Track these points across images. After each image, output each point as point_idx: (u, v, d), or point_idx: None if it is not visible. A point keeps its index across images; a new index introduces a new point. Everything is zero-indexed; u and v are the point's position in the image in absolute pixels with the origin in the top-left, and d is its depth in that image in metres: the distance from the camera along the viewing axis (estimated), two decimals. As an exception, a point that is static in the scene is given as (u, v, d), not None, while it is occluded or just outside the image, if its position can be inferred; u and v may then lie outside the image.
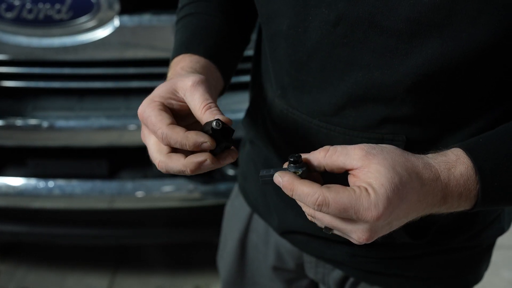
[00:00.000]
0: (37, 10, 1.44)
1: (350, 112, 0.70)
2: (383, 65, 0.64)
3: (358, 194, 0.54)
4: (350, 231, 0.57)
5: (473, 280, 0.88)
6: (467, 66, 0.61)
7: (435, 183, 0.57)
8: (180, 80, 0.64)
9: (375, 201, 0.54)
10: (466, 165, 0.59)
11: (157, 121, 0.60)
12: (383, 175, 0.55)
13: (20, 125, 1.57)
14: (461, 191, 0.59)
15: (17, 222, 1.78)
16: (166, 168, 0.61)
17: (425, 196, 0.57)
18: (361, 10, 0.62)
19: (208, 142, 0.59)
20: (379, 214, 0.54)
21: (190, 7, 0.84)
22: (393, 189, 0.55)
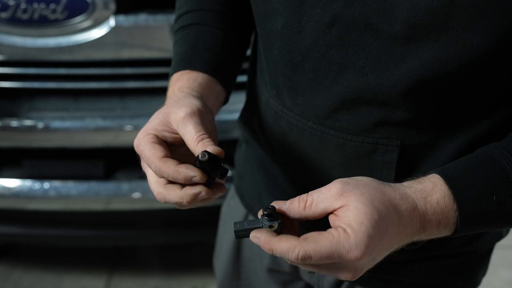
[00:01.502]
0: (32, 10, 1.44)
1: (344, 115, 0.70)
2: (378, 69, 0.63)
3: (337, 237, 0.54)
4: (336, 272, 0.57)
5: (470, 286, 0.87)
6: (463, 71, 0.60)
7: (413, 214, 0.57)
8: (172, 112, 0.65)
9: (355, 242, 0.54)
10: (443, 193, 0.59)
11: (150, 154, 0.61)
12: (362, 213, 0.55)
13: (15, 126, 1.56)
14: (440, 219, 0.59)
15: (13, 224, 1.77)
16: (164, 199, 0.61)
17: (404, 228, 0.57)
18: (357, 12, 0.61)
19: (197, 176, 0.59)
20: (362, 253, 0.53)
21: (187, 18, 0.83)
22: (373, 226, 0.54)
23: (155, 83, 1.58)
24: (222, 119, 1.56)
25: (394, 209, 0.56)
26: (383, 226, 0.55)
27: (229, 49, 0.83)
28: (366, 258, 0.54)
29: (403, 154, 0.70)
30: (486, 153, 0.62)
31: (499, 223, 0.62)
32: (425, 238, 0.60)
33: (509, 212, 0.60)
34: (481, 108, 0.66)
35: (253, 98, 0.90)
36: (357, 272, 0.56)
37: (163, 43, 1.50)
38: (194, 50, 0.79)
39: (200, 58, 0.78)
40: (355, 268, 0.56)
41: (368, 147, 0.70)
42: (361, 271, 0.57)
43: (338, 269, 0.56)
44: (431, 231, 0.59)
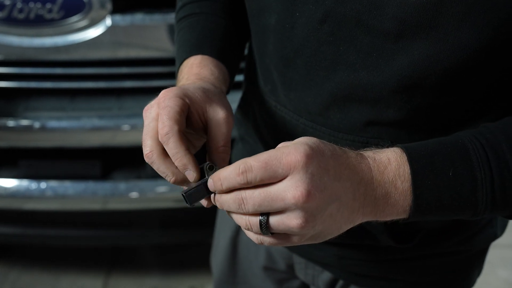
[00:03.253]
0: (28, 10, 1.43)
1: (335, 112, 0.70)
2: (368, 65, 0.63)
3: (278, 147, 0.54)
4: (283, 190, 0.52)
5: (464, 285, 0.87)
6: (453, 70, 0.60)
7: (360, 157, 0.56)
8: (215, 102, 0.63)
9: (294, 147, 0.52)
10: (395, 153, 0.57)
11: (172, 118, 0.58)
12: (305, 138, 0.55)
13: (12, 126, 1.56)
14: (392, 177, 0.56)
15: (10, 224, 1.77)
16: (152, 159, 0.59)
17: (354, 166, 0.55)
18: (348, 8, 0.61)
19: (194, 174, 0.58)
20: (302, 155, 0.51)
21: (194, 6, 0.83)
22: (313, 142, 0.54)
23: (152, 83, 1.58)
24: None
25: (338, 148, 0.56)
26: (323, 148, 0.54)
27: (234, 41, 0.83)
28: (309, 163, 0.52)
29: None
30: (452, 135, 0.61)
31: (456, 206, 0.58)
32: (383, 203, 0.56)
33: (465, 194, 0.57)
34: (471, 107, 0.65)
35: (248, 94, 0.90)
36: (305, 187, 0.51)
37: (160, 42, 1.50)
38: (206, 37, 0.78)
39: (213, 46, 0.77)
40: (301, 180, 0.51)
41: (358, 146, 0.70)
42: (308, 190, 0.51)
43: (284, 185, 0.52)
44: (386, 191, 0.56)
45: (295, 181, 0.51)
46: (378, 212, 0.57)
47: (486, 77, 0.61)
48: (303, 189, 0.51)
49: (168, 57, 1.51)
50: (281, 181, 0.52)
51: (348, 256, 0.81)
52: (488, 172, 0.57)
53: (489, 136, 0.58)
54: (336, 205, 0.54)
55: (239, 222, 0.57)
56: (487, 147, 0.57)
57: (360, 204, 0.56)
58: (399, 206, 0.57)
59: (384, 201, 0.56)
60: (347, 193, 0.54)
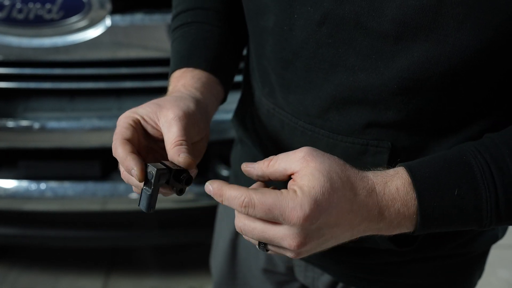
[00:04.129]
0: (28, 10, 1.43)
1: (334, 115, 0.69)
2: (368, 67, 0.63)
3: (285, 195, 0.54)
4: (280, 237, 0.55)
5: (465, 287, 0.87)
6: (453, 72, 0.59)
7: (370, 195, 0.57)
8: (165, 107, 0.66)
9: (301, 202, 0.53)
10: (403, 180, 0.58)
11: (120, 132, 0.64)
12: (316, 178, 0.55)
13: (11, 127, 1.56)
14: (399, 207, 0.57)
15: (9, 225, 1.77)
16: (117, 151, 0.63)
17: (359, 208, 0.56)
18: (347, 9, 0.61)
19: (137, 172, 0.60)
20: (305, 215, 0.53)
21: (187, 15, 0.83)
22: (323, 193, 0.54)
23: (151, 83, 1.57)
24: (219, 119, 1.55)
25: (351, 186, 0.56)
26: (333, 197, 0.55)
27: (228, 48, 0.83)
28: (309, 222, 0.54)
29: (394, 156, 0.69)
30: (455, 150, 0.62)
31: (460, 222, 0.60)
32: (385, 230, 0.59)
33: (470, 211, 0.58)
34: (472, 109, 0.65)
35: (246, 97, 0.90)
36: (301, 240, 0.55)
37: (160, 42, 1.50)
38: (196, 48, 0.79)
39: (202, 56, 0.78)
40: (299, 234, 0.54)
41: (358, 148, 0.69)
42: (305, 239, 0.55)
43: (282, 232, 0.55)
44: (391, 221, 0.58)
45: (293, 233, 0.55)
46: (380, 233, 0.60)
47: (487, 78, 0.61)
48: (299, 241, 0.55)
49: (168, 58, 1.50)
50: (281, 225, 0.55)
51: (348, 258, 0.81)
52: (493, 189, 0.57)
53: (493, 150, 0.59)
54: (332, 240, 0.58)
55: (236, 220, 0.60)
56: (491, 163, 0.58)
57: (357, 233, 0.59)
58: (403, 226, 0.59)
59: (387, 227, 0.59)
60: (344, 233, 0.57)
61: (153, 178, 0.60)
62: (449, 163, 0.59)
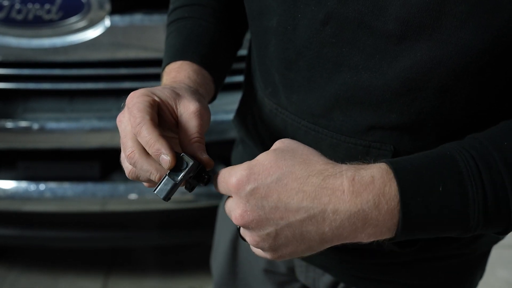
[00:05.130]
0: (27, 11, 1.43)
1: (338, 115, 0.69)
2: (371, 67, 0.63)
3: (231, 167, 0.57)
4: (229, 210, 0.57)
5: (467, 287, 0.87)
6: (456, 72, 0.59)
7: (329, 178, 0.54)
8: (185, 98, 0.64)
9: (237, 168, 0.55)
10: (381, 169, 0.54)
11: (143, 110, 0.59)
12: (266, 153, 0.56)
13: (10, 127, 1.56)
14: (374, 198, 0.53)
15: (8, 226, 1.76)
16: (135, 159, 0.59)
17: (312, 189, 0.53)
18: (351, 9, 0.61)
19: (167, 156, 0.57)
20: (236, 179, 0.54)
21: (183, 10, 0.82)
22: (262, 162, 0.55)
23: (151, 84, 1.56)
24: (219, 119, 1.55)
25: (305, 164, 0.55)
26: (274, 167, 0.55)
27: (222, 47, 0.82)
28: (241, 188, 0.54)
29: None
30: (438, 148, 0.59)
31: (446, 223, 0.55)
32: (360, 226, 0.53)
33: (457, 210, 0.54)
34: (475, 113, 0.64)
35: (248, 97, 0.90)
36: (242, 212, 0.54)
37: (159, 43, 1.49)
38: (191, 42, 0.78)
39: (197, 51, 0.77)
40: (237, 203, 0.55)
41: (360, 149, 0.69)
42: (245, 212, 0.54)
43: (228, 205, 0.58)
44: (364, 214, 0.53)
45: (234, 203, 0.56)
46: (356, 233, 0.54)
47: (490, 80, 0.60)
48: (238, 212, 0.55)
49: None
50: (230, 198, 0.58)
51: (350, 259, 0.81)
52: (480, 185, 0.53)
53: (479, 146, 0.56)
54: (288, 228, 0.55)
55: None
56: (477, 159, 0.55)
57: (328, 229, 0.54)
58: (382, 226, 0.54)
59: (362, 223, 0.53)
60: (299, 219, 0.54)
61: (186, 169, 0.59)
62: (432, 158, 0.56)
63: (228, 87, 1.57)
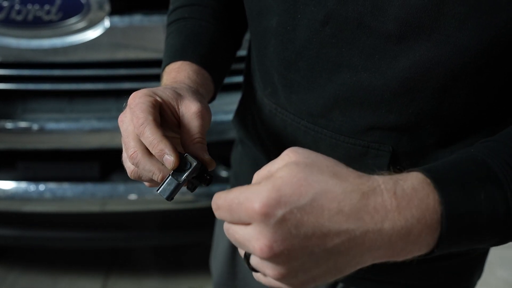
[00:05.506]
0: (26, 11, 1.43)
1: (337, 115, 0.69)
2: (371, 67, 0.63)
3: (247, 187, 0.46)
4: (247, 239, 0.45)
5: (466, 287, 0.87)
6: (455, 72, 0.59)
7: (370, 194, 0.46)
8: (187, 98, 0.64)
9: (259, 190, 0.44)
10: (419, 179, 0.48)
11: (145, 111, 0.59)
12: (289, 168, 0.46)
13: (10, 128, 1.56)
14: (417, 212, 0.46)
15: (8, 226, 1.77)
16: (137, 159, 0.59)
17: (352, 210, 0.45)
18: (350, 9, 0.61)
19: (171, 156, 0.57)
20: (262, 203, 0.43)
21: (183, 11, 0.83)
22: (290, 181, 0.45)
23: (150, 84, 1.57)
24: (218, 119, 1.55)
25: (338, 179, 0.46)
26: (307, 187, 0.45)
27: (222, 47, 0.82)
28: (268, 214, 0.43)
29: (395, 160, 0.69)
30: (464, 153, 0.55)
31: (489, 232, 0.50)
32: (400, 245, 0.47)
33: (500, 217, 0.49)
34: (473, 115, 0.64)
35: (247, 97, 0.90)
36: (267, 243, 0.44)
37: (158, 44, 1.50)
38: (191, 42, 0.79)
39: (196, 51, 0.77)
40: (261, 232, 0.44)
41: (359, 150, 0.70)
42: (272, 244, 0.44)
43: (246, 233, 0.45)
44: (407, 230, 0.46)
45: (256, 231, 0.45)
46: (394, 253, 0.48)
47: (489, 80, 0.61)
48: (264, 242, 0.44)
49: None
50: (248, 226, 0.46)
51: None
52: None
53: (507, 150, 0.53)
54: (324, 255, 0.46)
55: None
56: (510, 162, 0.51)
57: (367, 251, 0.47)
58: (423, 241, 0.48)
59: (404, 241, 0.47)
60: (338, 243, 0.46)
61: (190, 169, 0.59)
62: (465, 164, 0.52)
63: (228, 87, 1.57)
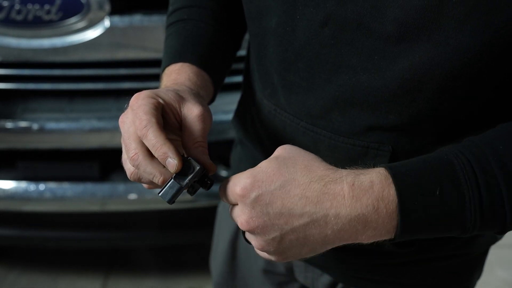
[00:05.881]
0: (26, 11, 1.43)
1: (336, 116, 0.69)
2: (370, 68, 0.63)
3: (234, 176, 0.59)
4: (234, 216, 0.60)
5: (465, 287, 0.87)
6: (454, 73, 0.59)
7: (330, 184, 0.56)
8: (189, 101, 0.64)
9: (240, 177, 0.57)
10: (380, 174, 0.56)
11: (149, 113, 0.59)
12: (268, 160, 0.59)
13: (10, 128, 1.56)
14: (373, 202, 0.55)
15: (8, 226, 1.77)
16: (138, 161, 0.58)
17: (314, 195, 0.56)
18: (349, 10, 0.61)
19: (174, 160, 0.57)
20: (241, 187, 0.56)
21: (183, 12, 0.83)
22: (265, 170, 0.57)
23: (150, 84, 1.57)
24: (218, 119, 1.55)
25: (307, 170, 0.57)
26: (277, 174, 0.57)
27: (221, 49, 0.82)
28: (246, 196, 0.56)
29: (394, 159, 0.69)
30: (436, 152, 0.60)
31: (444, 225, 0.56)
32: (361, 229, 0.56)
33: (454, 212, 0.55)
34: (473, 115, 0.65)
35: (247, 98, 0.90)
36: (247, 219, 0.57)
37: (158, 43, 1.49)
38: (190, 44, 0.78)
39: (196, 53, 0.77)
40: (242, 210, 0.57)
41: (359, 150, 0.70)
42: (251, 219, 0.57)
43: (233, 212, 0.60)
44: (364, 218, 0.55)
45: (240, 210, 0.58)
46: (357, 236, 0.57)
47: (489, 81, 0.61)
48: (244, 218, 0.57)
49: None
50: (236, 206, 0.59)
51: (348, 259, 0.81)
52: (476, 189, 0.55)
53: (475, 150, 0.57)
54: (292, 233, 0.57)
55: None
56: (473, 162, 0.56)
57: (330, 232, 0.56)
58: (382, 228, 0.56)
59: (362, 226, 0.56)
60: (302, 223, 0.56)
61: (193, 173, 0.59)
62: (429, 163, 0.57)
63: (227, 87, 1.57)
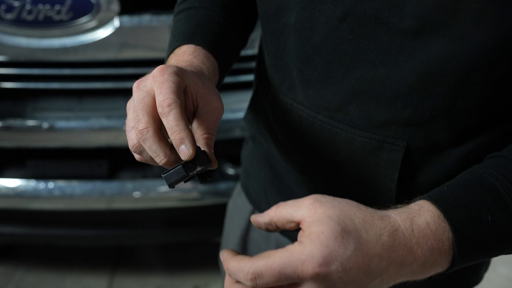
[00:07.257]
0: (37, 11, 1.44)
1: (354, 109, 0.71)
2: (388, 62, 0.65)
3: (292, 250, 0.49)
4: None
5: (473, 281, 0.88)
6: (470, 68, 0.60)
7: (393, 235, 0.52)
8: (209, 92, 0.61)
9: (311, 251, 0.48)
10: (431, 213, 0.55)
11: (175, 91, 0.55)
12: (324, 223, 0.50)
13: (20, 126, 1.57)
14: (432, 243, 0.53)
15: (16, 224, 1.78)
16: (146, 136, 0.55)
17: (382, 250, 0.51)
18: (368, 6, 0.63)
19: (189, 149, 0.54)
20: (319, 264, 0.48)
21: (193, 0, 0.83)
22: (335, 237, 0.49)
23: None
24: (225, 118, 1.57)
25: (367, 227, 0.52)
26: (347, 240, 0.50)
27: (230, 40, 0.82)
28: (326, 273, 0.49)
29: (409, 154, 0.70)
30: (472, 174, 0.60)
31: (499, 248, 0.57)
32: (420, 271, 0.54)
33: (508, 235, 0.56)
34: (488, 111, 0.66)
35: (260, 94, 0.91)
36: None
37: (167, 43, 1.51)
38: (201, 29, 0.77)
39: (206, 38, 0.75)
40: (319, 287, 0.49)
41: (375, 144, 0.71)
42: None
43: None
44: (425, 260, 0.54)
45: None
46: (413, 276, 0.55)
47: (503, 76, 0.62)
48: None
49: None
50: (299, 286, 0.50)
51: None
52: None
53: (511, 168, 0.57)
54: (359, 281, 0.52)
55: None
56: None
57: (391, 280, 0.54)
58: (438, 265, 0.55)
59: (421, 267, 0.54)
60: (372, 281, 0.52)
61: (203, 166, 0.57)
62: (472, 189, 0.57)
63: (234, 86, 1.59)
